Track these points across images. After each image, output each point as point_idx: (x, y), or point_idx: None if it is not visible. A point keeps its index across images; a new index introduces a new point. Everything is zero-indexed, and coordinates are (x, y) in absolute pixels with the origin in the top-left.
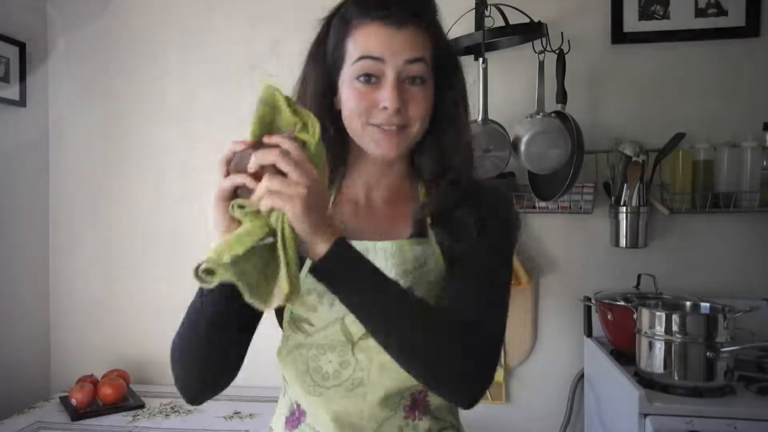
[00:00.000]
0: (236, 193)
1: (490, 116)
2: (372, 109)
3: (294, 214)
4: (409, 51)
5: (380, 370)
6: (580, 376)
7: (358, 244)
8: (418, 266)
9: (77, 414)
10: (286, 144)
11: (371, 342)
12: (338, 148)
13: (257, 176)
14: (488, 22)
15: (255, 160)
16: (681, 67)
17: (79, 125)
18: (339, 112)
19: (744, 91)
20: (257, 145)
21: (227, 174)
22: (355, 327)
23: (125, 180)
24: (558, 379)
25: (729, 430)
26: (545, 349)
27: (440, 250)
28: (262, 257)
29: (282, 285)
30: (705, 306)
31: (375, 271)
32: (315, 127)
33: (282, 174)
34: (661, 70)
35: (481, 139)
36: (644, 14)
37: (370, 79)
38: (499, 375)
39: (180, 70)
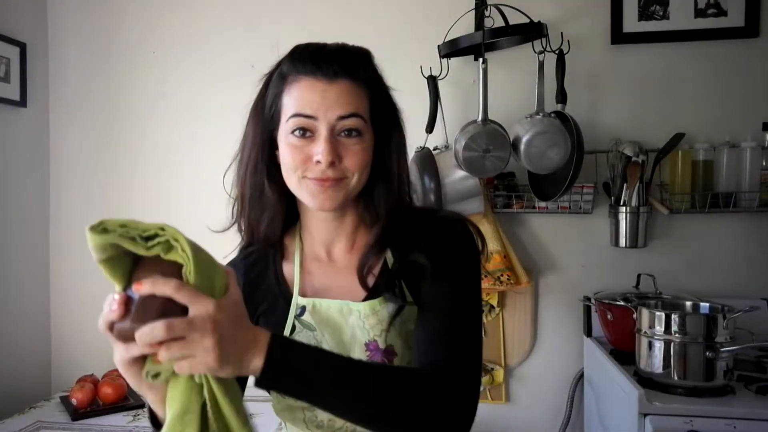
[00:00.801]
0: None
1: (490, 116)
2: (307, 163)
3: (211, 369)
4: (341, 106)
5: None
6: (580, 376)
7: (333, 303)
8: (393, 321)
9: (78, 414)
10: (166, 288)
11: None
12: (290, 204)
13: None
14: (488, 23)
15: (141, 342)
16: (681, 68)
17: (80, 125)
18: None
19: (743, 92)
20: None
21: (122, 337)
22: None
23: (125, 180)
24: (558, 379)
25: (729, 430)
26: (545, 349)
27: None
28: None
29: None
30: (704, 306)
31: (323, 358)
32: (178, 237)
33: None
34: (660, 71)
35: (481, 139)
36: (644, 14)
37: (305, 133)
38: (499, 375)
39: (180, 71)
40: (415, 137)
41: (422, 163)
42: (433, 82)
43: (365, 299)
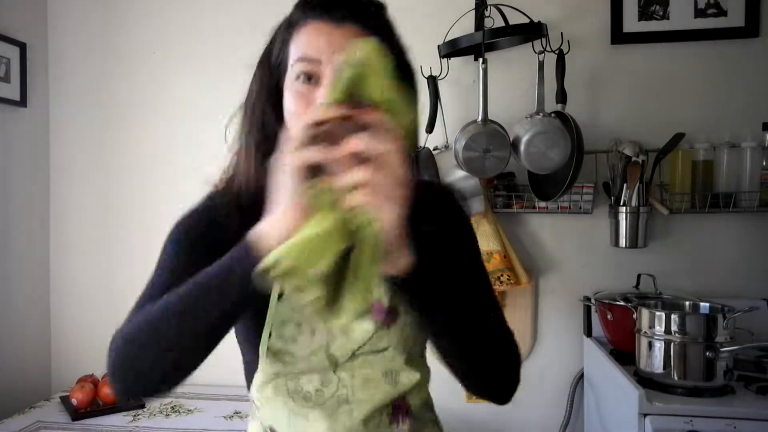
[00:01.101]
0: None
1: (490, 116)
2: (310, 108)
3: (388, 223)
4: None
5: (364, 385)
6: (580, 376)
7: None
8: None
9: (78, 414)
10: (390, 130)
11: (355, 362)
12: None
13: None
14: (488, 23)
15: (355, 145)
16: (681, 68)
17: (80, 125)
18: None
19: (743, 92)
20: (343, 114)
21: (308, 141)
22: (340, 351)
23: (125, 179)
24: (558, 379)
25: (729, 430)
26: (545, 349)
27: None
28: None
29: (356, 301)
30: (704, 306)
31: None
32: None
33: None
34: (660, 71)
35: (481, 139)
36: (644, 14)
37: (310, 79)
38: None
39: (180, 71)
40: None
41: (422, 163)
42: (433, 82)
43: None
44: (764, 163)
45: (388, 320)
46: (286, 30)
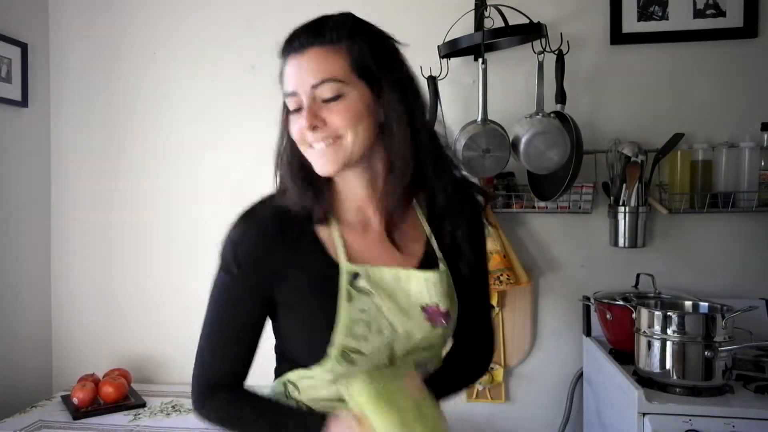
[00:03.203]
0: None
1: (490, 116)
2: (304, 134)
3: None
4: (312, 75)
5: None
6: (579, 376)
7: (386, 270)
8: (452, 289)
9: (79, 413)
10: None
11: (407, 358)
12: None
13: None
14: (488, 23)
15: None
16: (679, 68)
17: (81, 125)
18: None
19: (742, 92)
20: None
21: None
22: (400, 347)
23: (126, 180)
24: (557, 379)
25: (727, 429)
26: (544, 349)
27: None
28: None
29: None
30: (703, 305)
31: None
32: None
33: None
34: (659, 71)
35: (480, 139)
36: (643, 15)
37: (298, 109)
38: (499, 374)
39: (181, 71)
40: None
41: None
42: (432, 82)
43: (421, 267)
44: (763, 163)
45: (442, 323)
46: (280, 72)
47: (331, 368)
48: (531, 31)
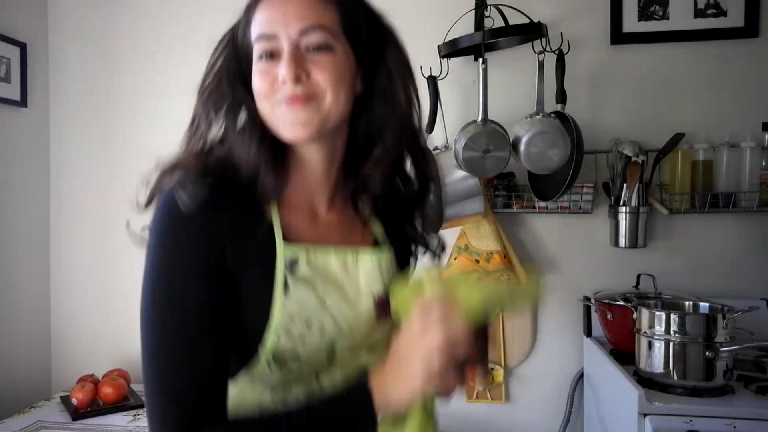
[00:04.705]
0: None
1: (490, 116)
2: (274, 85)
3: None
4: (301, 19)
5: (343, 381)
6: (580, 376)
7: (333, 252)
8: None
9: (78, 413)
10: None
11: (351, 361)
12: (273, 149)
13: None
14: (488, 23)
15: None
16: (680, 68)
17: (80, 125)
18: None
19: (743, 92)
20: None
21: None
22: (342, 344)
23: (126, 180)
24: (557, 379)
25: (728, 430)
26: (545, 349)
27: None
28: None
29: None
30: (704, 306)
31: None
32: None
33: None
34: (660, 71)
35: (480, 139)
36: (643, 15)
37: (271, 56)
38: (499, 375)
39: (181, 71)
40: None
41: None
42: (433, 82)
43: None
44: (764, 163)
45: (384, 314)
46: (246, 14)
47: (259, 376)
48: (531, 31)
